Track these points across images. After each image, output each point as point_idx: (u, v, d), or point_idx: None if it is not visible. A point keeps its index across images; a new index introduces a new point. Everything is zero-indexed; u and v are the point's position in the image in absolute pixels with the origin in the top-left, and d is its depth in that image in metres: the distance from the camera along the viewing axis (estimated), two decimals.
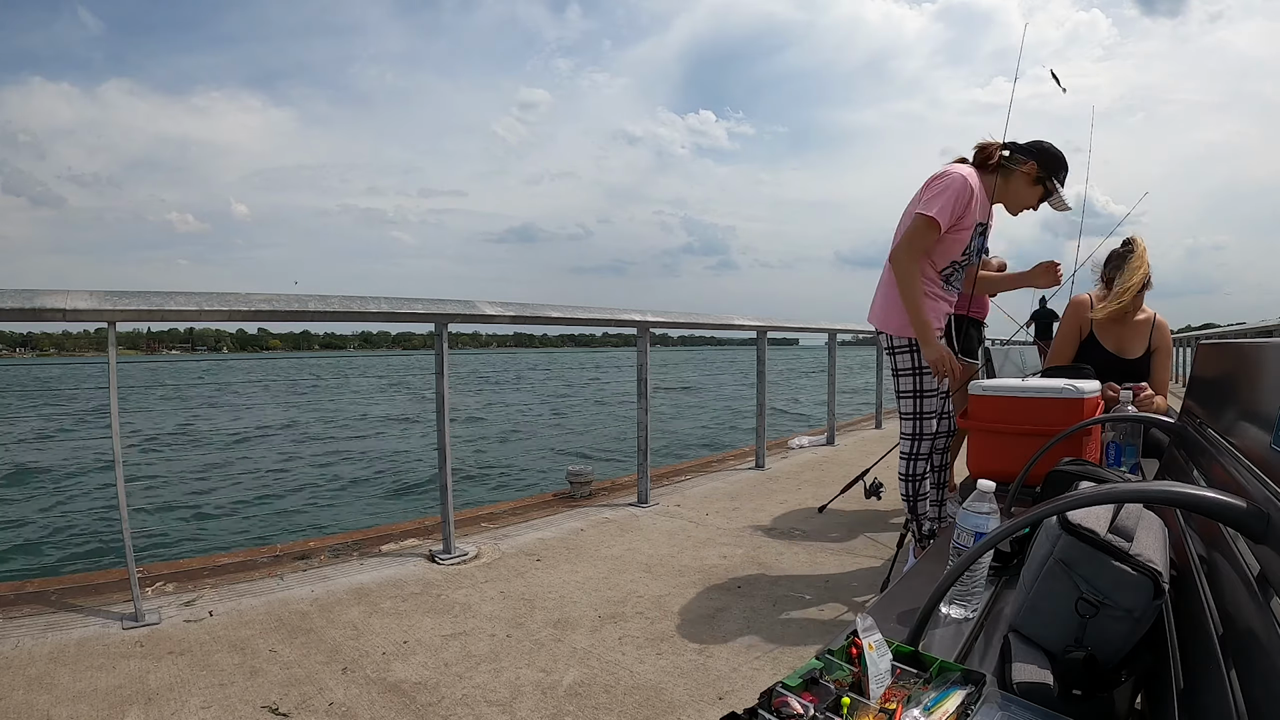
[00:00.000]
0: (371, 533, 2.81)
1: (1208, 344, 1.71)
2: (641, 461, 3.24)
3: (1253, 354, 1.07)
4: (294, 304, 2.12)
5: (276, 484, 7.01)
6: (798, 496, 3.38)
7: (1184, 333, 12.17)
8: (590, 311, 3.20)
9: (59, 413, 15.22)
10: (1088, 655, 0.69)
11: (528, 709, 1.42)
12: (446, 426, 2.40)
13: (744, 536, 2.68)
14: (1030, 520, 0.70)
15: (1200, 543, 0.86)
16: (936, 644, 0.83)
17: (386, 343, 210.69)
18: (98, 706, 1.40)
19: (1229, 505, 0.63)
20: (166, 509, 5.88)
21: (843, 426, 6.14)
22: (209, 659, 1.62)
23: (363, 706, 1.42)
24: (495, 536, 2.68)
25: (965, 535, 0.95)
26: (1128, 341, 2.32)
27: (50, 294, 1.73)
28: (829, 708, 0.57)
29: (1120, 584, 0.70)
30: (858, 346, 10.18)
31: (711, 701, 1.45)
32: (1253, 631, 0.55)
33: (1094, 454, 1.70)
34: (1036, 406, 1.70)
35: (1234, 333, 7.44)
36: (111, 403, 1.81)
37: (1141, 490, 0.76)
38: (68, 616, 1.86)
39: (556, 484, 4.08)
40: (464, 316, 2.50)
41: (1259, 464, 0.80)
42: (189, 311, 1.94)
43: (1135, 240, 2.26)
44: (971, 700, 0.59)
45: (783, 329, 4.61)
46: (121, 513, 1.86)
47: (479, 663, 1.62)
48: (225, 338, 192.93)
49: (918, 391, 1.99)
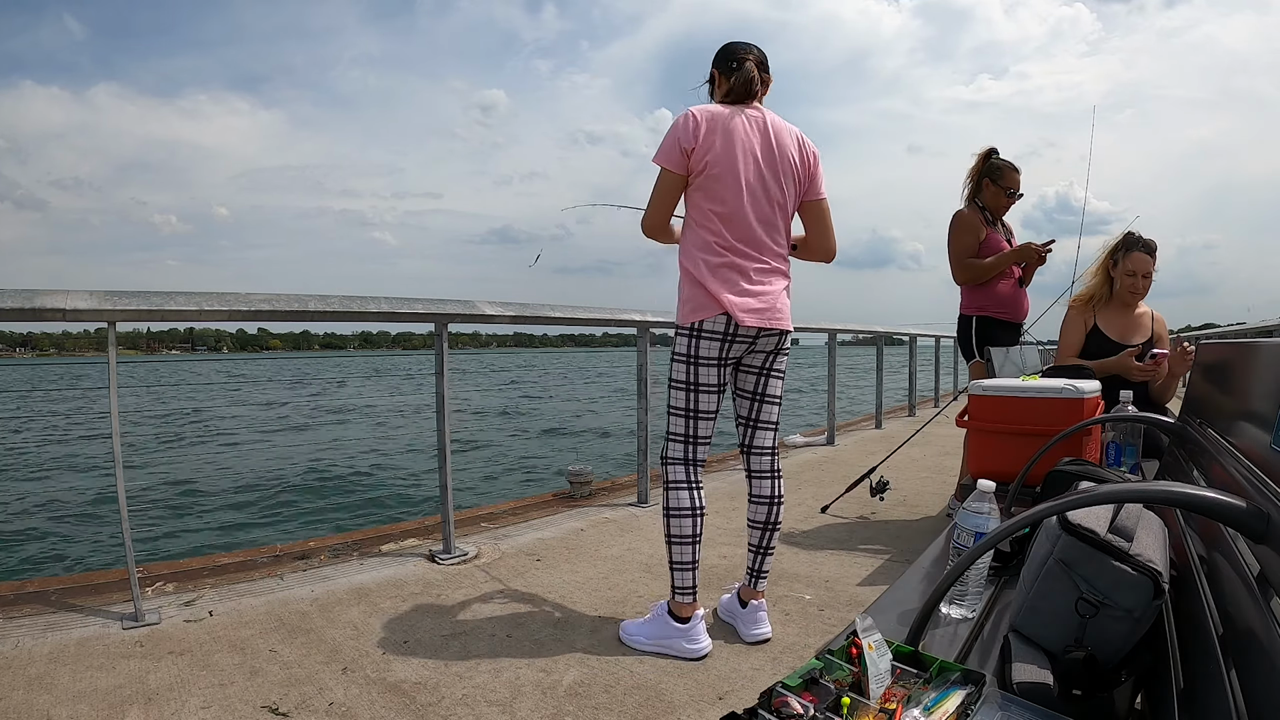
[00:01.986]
0: (371, 533, 2.81)
1: (1208, 344, 1.71)
2: (641, 461, 3.24)
3: (1253, 354, 1.07)
4: (294, 304, 2.12)
5: (276, 484, 7.01)
6: (798, 496, 3.38)
7: (1184, 332, 12.17)
8: (590, 311, 3.20)
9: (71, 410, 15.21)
10: (1088, 655, 0.69)
11: (528, 709, 1.42)
12: (447, 426, 2.40)
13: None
14: (1030, 520, 0.70)
15: (1200, 543, 0.86)
16: (936, 644, 0.83)
17: (386, 343, 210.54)
18: (98, 706, 1.40)
19: (1229, 505, 0.63)
20: (166, 509, 5.88)
21: (843, 426, 6.14)
22: (209, 659, 1.62)
23: (363, 706, 1.42)
24: (495, 536, 2.67)
25: (965, 535, 0.95)
26: (1129, 330, 2.39)
27: (50, 294, 1.73)
28: (829, 708, 0.57)
29: (1120, 584, 0.70)
30: (858, 346, 10.20)
31: (711, 701, 1.45)
32: (1253, 631, 0.55)
33: (1094, 454, 1.70)
34: (1036, 406, 1.70)
35: (1234, 333, 7.45)
36: (111, 403, 1.81)
37: (1141, 490, 0.76)
38: (68, 616, 1.86)
39: (556, 484, 4.08)
40: (464, 316, 2.50)
41: (1259, 464, 0.80)
42: (189, 311, 1.94)
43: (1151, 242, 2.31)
44: (971, 700, 0.59)
45: None
46: (121, 513, 1.86)
47: (479, 663, 1.62)
48: (225, 338, 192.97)
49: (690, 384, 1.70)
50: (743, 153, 1.64)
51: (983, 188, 2.78)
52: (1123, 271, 2.34)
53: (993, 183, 2.75)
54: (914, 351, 7.16)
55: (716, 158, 1.62)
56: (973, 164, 2.81)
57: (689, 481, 1.75)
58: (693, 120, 1.62)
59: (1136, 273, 2.33)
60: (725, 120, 1.63)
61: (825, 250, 1.83)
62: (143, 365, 9.86)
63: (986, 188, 2.76)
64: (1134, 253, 2.32)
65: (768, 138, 1.67)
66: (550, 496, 3.47)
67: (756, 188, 1.66)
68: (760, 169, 1.66)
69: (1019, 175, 2.74)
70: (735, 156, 1.63)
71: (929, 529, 2.79)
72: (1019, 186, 2.74)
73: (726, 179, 1.63)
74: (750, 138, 1.65)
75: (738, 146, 1.63)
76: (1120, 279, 2.35)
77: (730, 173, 1.63)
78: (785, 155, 1.68)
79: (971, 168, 2.81)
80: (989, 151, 2.78)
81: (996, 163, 2.75)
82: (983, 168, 2.77)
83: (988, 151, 2.78)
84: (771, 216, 1.69)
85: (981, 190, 2.78)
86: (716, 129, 1.62)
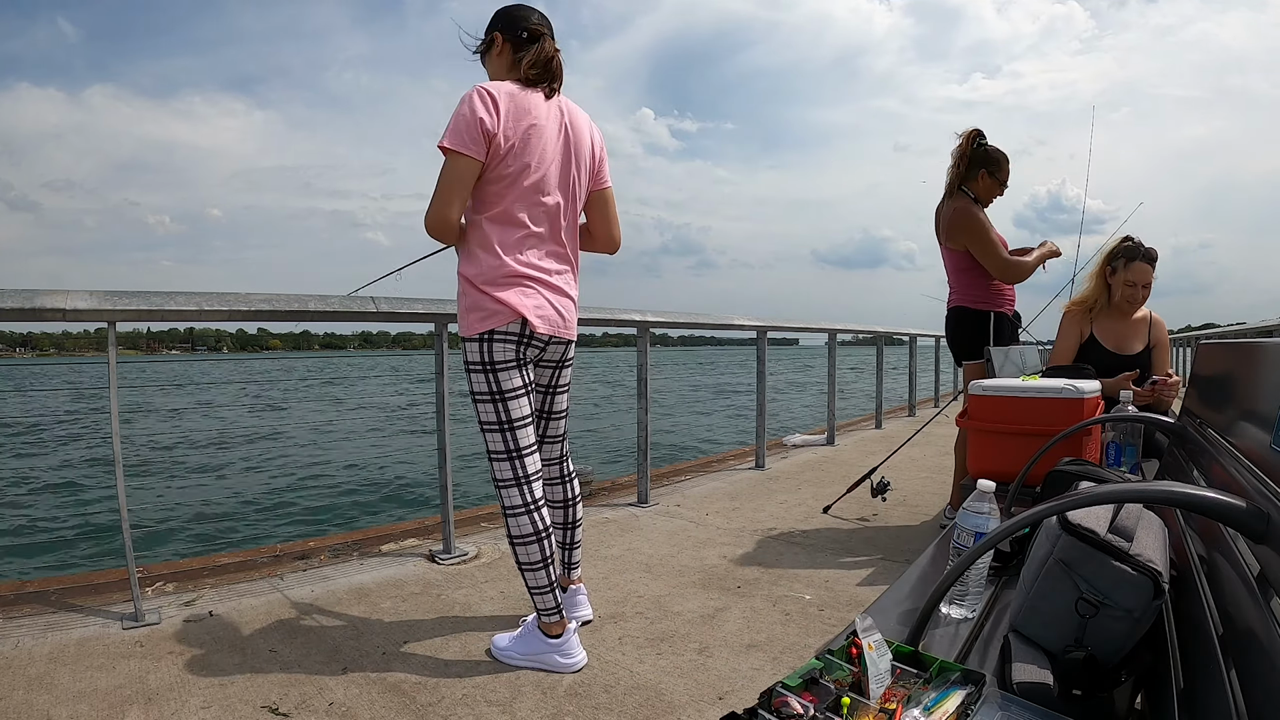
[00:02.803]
0: (371, 533, 2.81)
1: (1208, 344, 1.71)
2: (641, 461, 3.24)
3: (1253, 354, 1.07)
4: (294, 304, 2.12)
5: (276, 484, 7.01)
6: (798, 496, 3.38)
7: (1184, 333, 12.18)
8: (590, 311, 3.20)
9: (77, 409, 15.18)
10: (1088, 655, 0.69)
11: (528, 709, 1.42)
12: (447, 426, 2.41)
13: (744, 536, 2.68)
14: (1030, 520, 0.70)
15: (1200, 543, 0.86)
16: (936, 644, 0.83)
17: (386, 343, 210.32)
18: (98, 706, 1.40)
19: (1229, 505, 0.63)
20: (167, 509, 5.88)
21: (843, 426, 6.14)
22: (209, 659, 1.62)
23: (363, 706, 1.42)
24: (495, 536, 2.67)
25: (965, 535, 0.95)
26: (1126, 339, 2.34)
27: (50, 294, 1.73)
28: (829, 708, 0.57)
29: (1120, 584, 0.70)
30: (858, 346, 10.21)
31: (711, 701, 1.45)
32: (1253, 631, 0.55)
33: (1094, 454, 1.70)
34: (1036, 406, 1.70)
35: (1234, 333, 7.45)
36: (111, 403, 1.81)
37: (1141, 490, 0.76)
38: (68, 616, 1.86)
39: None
40: None
41: (1259, 464, 0.80)
42: (189, 311, 1.94)
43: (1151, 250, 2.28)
44: (971, 700, 0.59)
45: (783, 329, 4.60)
46: (122, 513, 1.86)
47: (479, 663, 1.62)
48: (225, 338, 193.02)
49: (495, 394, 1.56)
50: (543, 139, 1.51)
51: (978, 177, 2.60)
52: (1122, 281, 2.26)
53: (990, 174, 2.59)
54: (914, 351, 7.17)
55: (516, 144, 1.47)
56: (958, 145, 2.62)
57: (525, 504, 1.59)
58: (491, 99, 1.45)
59: (1137, 283, 2.25)
60: (524, 101, 1.49)
61: (611, 240, 1.74)
62: (148, 365, 9.90)
63: (982, 178, 2.59)
64: (1135, 263, 2.23)
65: (563, 122, 1.56)
66: None
67: (554, 179, 1.55)
68: (559, 158, 1.55)
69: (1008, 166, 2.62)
70: (535, 143, 1.49)
71: (929, 529, 2.79)
72: (1008, 176, 2.62)
73: (526, 169, 1.50)
74: (549, 123, 1.52)
75: (538, 132, 1.50)
76: (1119, 288, 2.28)
77: (530, 162, 1.50)
78: (581, 143, 1.58)
79: (958, 150, 2.62)
80: (974, 134, 2.60)
81: (994, 154, 2.59)
82: (974, 153, 2.60)
83: (973, 134, 2.60)
84: (569, 210, 1.59)
85: (975, 179, 2.60)
86: (514, 111, 1.47)
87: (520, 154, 1.50)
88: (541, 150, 1.52)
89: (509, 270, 1.53)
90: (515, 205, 1.52)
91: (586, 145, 1.62)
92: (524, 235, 1.55)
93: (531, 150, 1.51)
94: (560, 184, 1.58)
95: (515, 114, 1.48)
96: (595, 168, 1.66)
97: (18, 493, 6.73)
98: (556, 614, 1.60)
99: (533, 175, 1.52)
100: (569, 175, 1.59)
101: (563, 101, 1.59)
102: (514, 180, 1.51)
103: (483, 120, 1.44)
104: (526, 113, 1.50)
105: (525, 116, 1.50)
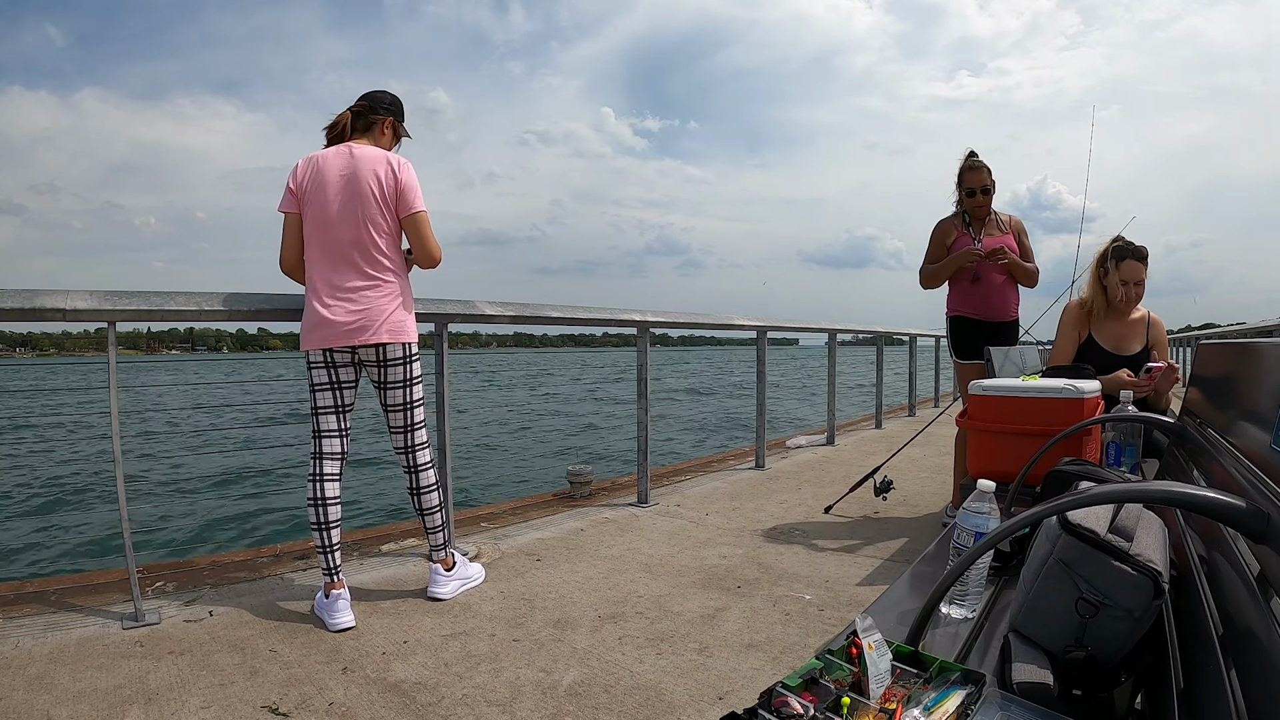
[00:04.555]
0: (371, 533, 2.81)
1: (1208, 344, 1.71)
2: (641, 461, 3.24)
3: (1253, 354, 1.07)
4: (294, 304, 2.11)
5: (276, 484, 7.00)
6: (798, 496, 3.38)
7: (1184, 333, 12.18)
8: (590, 311, 3.20)
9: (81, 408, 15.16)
10: (1088, 655, 0.69)
11: (528, 709, 1.42)
12: (447, 426, 2.40)
13: (744, 536, 2.68)
14: (1030, 520, 0.70)
15: (1200, 543, 0.86)
16: (936, 644, 0.83)
17: None
18: (98, 706, 1.40)
19: (1229, 505, 0.63)
20: (167, 510, 5.88)
21: (843, 426, 6.14)
22: (209, 659, 1.62)
23: (363, 706, 1.42)
24: (495, 536, 2.68)
25: (965, 535, 0.95)
26: (1125, 340, 2.35)
27: (50, 294, 1.73)
28: (829, 708, 0.57)
29: (1120, 584, 0.70)
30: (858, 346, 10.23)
31: (711, 701, 1.45)
32: (1253, 631, 0.55)
33: (1094, 454, 1.70)
34: (1036, 406, 1.70)
35: (1234, 333, 7.45)
36: (111, 403, 1.81)
37: (1141, 490, 0.76)
38: (68, 616, 1.86)
39: (556, 484, 4.07)
40: (464, 316, 2.50)
41: (1259, 464, 0.80)
42: (189, 311, 1.94)
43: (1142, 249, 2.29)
44: (971, 700, 0.59)
45: (783, 329, 4.61)
46: (121, 513, 1.86)
47: (479, 663, 1.62)
48: (225, 338, 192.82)
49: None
50: (323, 187, 1.90)
51: (962, 193, 2.84)
52: (1115, 280, 2.30)
53: (958, 186, 2.82)
54: (914, 351, 7.17)
55: (309, 195, 1.91)
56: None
57: (314, 475, 1.97)
58: (296, 167, 1.94)
59: (1129, 281, 2.30)
60: (319, 161, 1.93)
61: (427, 258, 2.03)
62: (148, 367, 9.82)
63: (959, 191, 2.84)
64: (1126, 261, 2.29)
65: (349, 168, 1.92)
66: (550, 496, 3.47)
67: (338, 216, 1.90)
68: (343, 197, 1.90)
69: (981, 173, 2.76)
70: (322, 190, 1.90)
71: (929, 529, 2.79)
72: (980, 184, 2.76)
73: (316, 211, 1.91)
74: (333, 172, 1.91)
75: (323, 182, 1.90)
76: (1113, 288, 2.31)
77: (318, 205, 1.90)
78: (362, 181, 1.91)
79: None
80: (968, 154, 2.83)
81: (961, 166, 2.82)
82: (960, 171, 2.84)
83: (966, 155, 2.83)
84: (359, 238, 1.92)
85: (961, 195, 2.84)
86: (308, 170, 1.92)
87: (311, 200, 1.95)
88: (324, 195, 1.93)
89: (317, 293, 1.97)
90: (313, 240, 1.97)
91: (369, 184, 1.93)
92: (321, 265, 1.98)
93: (320, 196, 1.94)
94: (346, 218, 1.93)
95: (308, 173, 1.93)
96: (393, 198, 1.96)
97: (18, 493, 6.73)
98: (328, 575, 1.89)
99: (320, 215, 1.94)
100: (358, 208, 1.93)
101: (354, 150, 1.95)
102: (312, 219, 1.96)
103: (287, 185, 1.95)
104: (319, 170, 1.94)
105: (317, 173, 1.94)
